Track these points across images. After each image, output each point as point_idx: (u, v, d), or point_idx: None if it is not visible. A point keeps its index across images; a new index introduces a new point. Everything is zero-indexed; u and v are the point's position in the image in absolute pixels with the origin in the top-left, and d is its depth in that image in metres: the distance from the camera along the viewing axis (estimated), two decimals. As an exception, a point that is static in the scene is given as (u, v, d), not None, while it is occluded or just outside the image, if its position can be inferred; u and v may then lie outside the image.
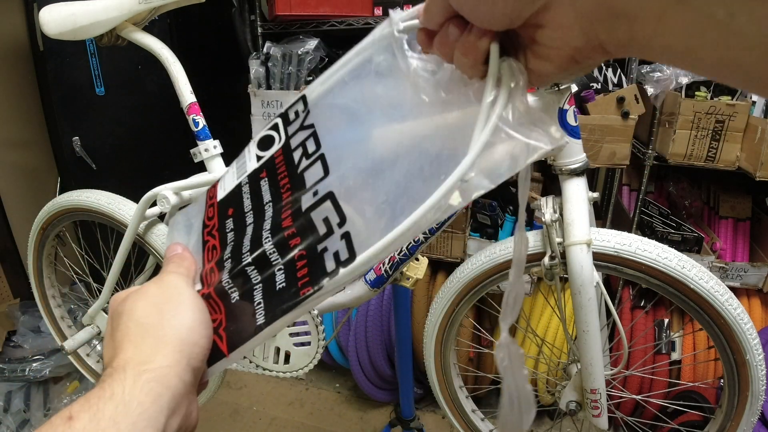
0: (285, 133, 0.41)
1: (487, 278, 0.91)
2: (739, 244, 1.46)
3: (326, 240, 0.35)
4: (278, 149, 0.41)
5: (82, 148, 1.62)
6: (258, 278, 0.37)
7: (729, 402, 0.82)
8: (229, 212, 0.42)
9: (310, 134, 0.38)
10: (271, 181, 0.40)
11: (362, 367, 1.65)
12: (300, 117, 0.40)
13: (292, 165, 0.39)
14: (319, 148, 0.37)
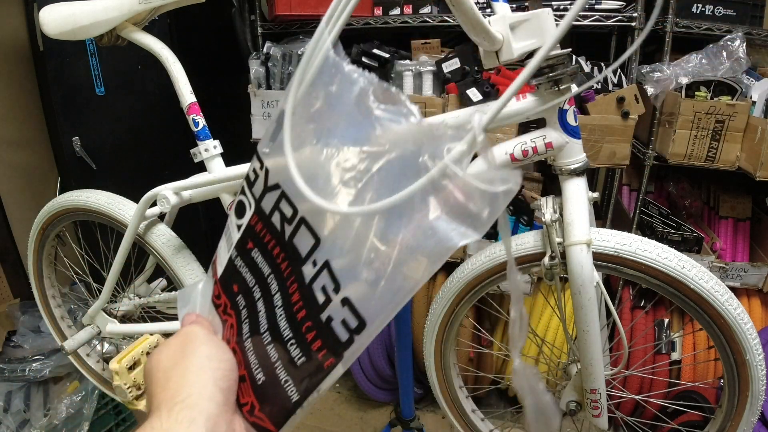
0: (252, 197, 0.39)
1: (487, 278, 0.90)
2: (739, 244, 1.46)
3: (327, 309, 0.34)
4: (252, 215, 0.40)
5: (82, 148, 1.62)
6: (276, 356, 0.37)
7: (729, 402, 0.82)
8: (234, 288, 0.41)
9: (280, 195, 0.37)
10: (262, 251, 0.39)
11: (362, 367, 1.65)
12: (260, 176, 0.39)
13: (276, 232, 0.37)
14: (296, 212, 0.36)
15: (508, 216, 1.46)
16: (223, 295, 0.42)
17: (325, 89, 0.35)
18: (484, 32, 0.67)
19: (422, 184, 0.29)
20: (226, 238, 0.43)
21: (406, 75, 1.43)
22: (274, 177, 0.37)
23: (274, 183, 0.37)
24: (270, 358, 0.37)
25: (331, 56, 0.34)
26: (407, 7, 1.49)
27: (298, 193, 0.34)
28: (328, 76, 0.34)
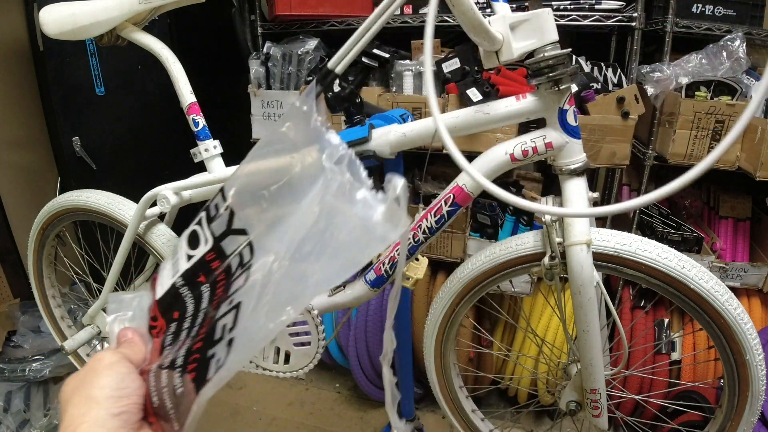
0: (211, 233, 0.40)
1: (487, 278, 0.91)
2: (739, 244, 1.46)
3: (216, 345, 0.35)
4: (208, 251, 0.40)
5: (82, 148, 1.62)
6: (165, 383, 0.37)
7: (729, 402, 0.82)
8: (175, 315, 0.41)
9: (247, 244, 0.37)
10: (212, 288, 0.39)
11: (362, 367, 1.65)
12: (222, 215, 0.39)
13: (230, 275, 0.38)
14: (252, 258, 0.36)
15: (507, 216, 1.46)
16: (160, 318, 0.42)
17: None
18: (484, 32, 0.67)
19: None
20: (172, 261, 0.43)
21: (406, 75, 1.43)
22: (242, 222, 0.37)
23: (241, 228, 0.37)
24: (164, 384, 0.37)
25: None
26: (407, 7, 1.49)
27: (265, 246, 0.35)
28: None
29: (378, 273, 0.94)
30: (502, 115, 0.78)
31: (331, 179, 0.33)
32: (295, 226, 0.34)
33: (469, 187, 0.82)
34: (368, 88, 1.52)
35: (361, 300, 0.99)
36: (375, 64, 1.51)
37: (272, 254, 0.35)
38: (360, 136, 0.85)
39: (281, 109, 1.52)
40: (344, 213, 0.32)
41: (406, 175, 1.63)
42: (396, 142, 0.84)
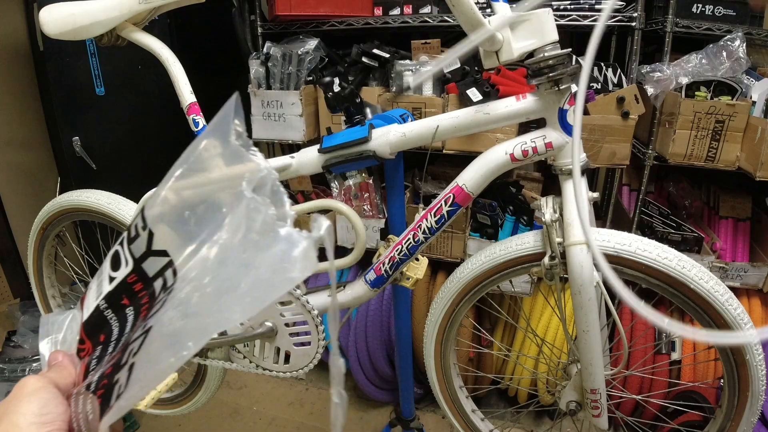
0: (131, 254, 0.38)
1: (487, 278, 0.90)
2: (739, 244, 1.46)
3: (121, 370, 0.34)
4: (129, 273, 0.38)
5: (82, 148, 1.62)
6: (81, 408, 0.36)
7: (729, 402, 0.82)
8: (101, 338, 0.40)
9: (167, 264, 0.36)
10: (136, 311, 0.38)
11: (362, 367, 1.65)
12: (141, 235, 0.37)
13: (154, 298, 0.37)
14: (174, 281, 0.35)
15: (507, 216, 1.46)
16: (87, 340, 0.41)
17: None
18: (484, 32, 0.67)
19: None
20: (96, 282, 0.42)
21: (406, 75, 1.43)
22: (163, 243, 0.36)
23: (162, 249, 0.36)
24: (80, 410, 0.36)
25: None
26: (407, 7, 1.49)
27: (188, 272, 0.33)
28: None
29: (378, 273, 0.94)
30: (502, 115, 0.78)
31: (254, 210, 0.32)
32: (214, 255, 0.33)
33: (469, 187, 0.82)
34: (368, 88, 1.52)
35: (361, 300, 0.99)
36: (375, 64, 1.52)
37: (193, 281, 0.33)
38: (360, 136, 0.85)
39: (281, 109, 1.52)
40: (263, 250, 0.31)
41: (406, 175, 1.63)
42: (396, 142, 0.84)
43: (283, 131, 1.55)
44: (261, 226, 0.31)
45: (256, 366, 1.03)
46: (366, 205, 1.51)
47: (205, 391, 1.19)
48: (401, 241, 0.90)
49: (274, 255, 0.30)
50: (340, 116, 1.46)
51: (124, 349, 0.36)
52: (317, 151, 0.89)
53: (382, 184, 1.50)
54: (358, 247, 0.94)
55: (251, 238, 0.31)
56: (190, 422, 1.65)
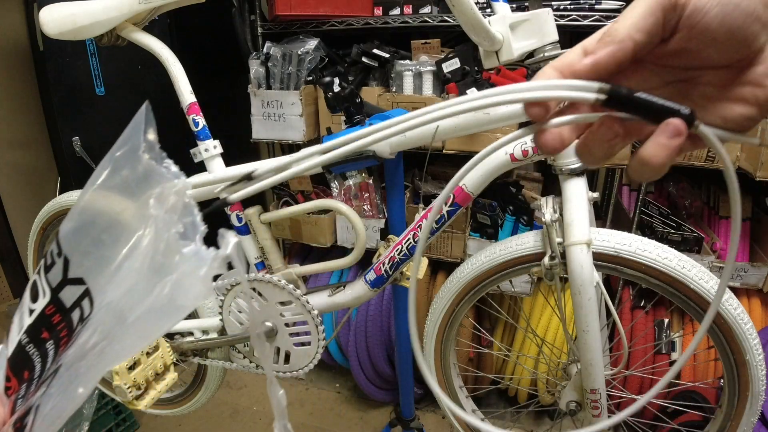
0: (48, 284, 0.36)
1: (487, 278, 0.91)
2: (739, 244, 1.46)
3: (29, 411, 0.33)
4: (47, 304, 0.36)
5: (82, 148, 1.62)
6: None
7: (729, 402, 0.82)
8: (25, 375, 0.38)
9: (84, 293, 0.34)
10: (56, 345, 0.36)
11: (362, 367, 1.65)
12: (57, 263, 0.36)
13: (72, 330, 0.35)
14: (92, 311, 0.34)
15: (507, 216, 1.46)
16: (12, 377, 0.39)
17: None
18: (484, 32, 0.67)
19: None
20: (19, 314, 0.40)
21: (406, 75, 1.43)
22: (79, 270, 0.34)
23: (78, 277, 0.34)
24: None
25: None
26: (407, 7, 1.49)
27: (104, 301, 0.32)
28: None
29: (378, 273, 0.94)
30: (502, 115, 0.78)
31: (161, 230, 0.30)
32: (128, 282, 0.31)
33: (469, 187, 0.82)
34: (368, 88, 1.52)
35: (361, 300, 0.99)
36: (375, 64, 1.52)
37: (109, 310, 0.32)
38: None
39: (281, 109, 1.52)
40: (165, 275, 0.30)
41: (406, 175, 1.63)
42: (396, 142, 0.84)
43: (283, 131, 1.55)
44: (165, 248, 0.30)
45: (256, 366, 1.03)
46: (366, 205, 1.51)
47: (205, 391, 1.19)
48: (401, 241, 0.90)
49: (171, 282, 0.29)
50: (340, 116, 1.46)
51: (36, 390, 0.34)
52: (317, 151, 0.89)
53: (382, 184, 1.50)
54: (358, 247, 0.94)
55: (156, 261, 0.30)
56: (190, 422, 1.65)
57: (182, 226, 0.30)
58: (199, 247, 0.30)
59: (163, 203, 0.31)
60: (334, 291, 1.01)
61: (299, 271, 1.02)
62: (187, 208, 0.31)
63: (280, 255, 1.04)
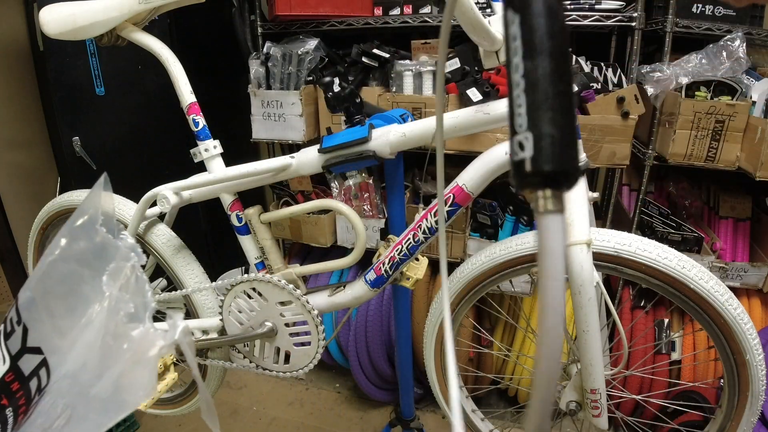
0: (8, 351, 0.36)
1: (487, 278, 0.91)
2: (739, 244, 1.46)
3: None
4: (7, 371, 0.36)
5: (82, 148, 1.62)
6: None
7: (729, 402, 0.82)
8: None
9: (42, 362, 0.34)
10: (15, 412, 0.35)
11: (362, 367, 1.65)
12: (16, 331, 0.35)
13: (30, 399, 0.35)
14: (48, 382, 0.33)
15: (507, 216, 1.46)
16: None
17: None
18: (484, 32, 0.67)
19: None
20: None
21: (406, 75, 1.43)
22: (37, 340, 0.34)
23: (36, 346, 0.34)
24: None
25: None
26: (407, 7, 1.49)
27: (60, 371, 0.31)
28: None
29: (378, 273, 0.94)
30: (502, 115, 0.78)
31: (112, 310, 0.30)
32: (82, 358, 0.31)
33: (469, 187, 0.82)
34: (368, 88, 1.52)
35: (360, 300, 0.99)
36: (375, 64, 1.52)
37: (66, 384, 0.31)
38: (360, 136, 0.85)
39: (281, 109, 1.52)
40: (112, 360, 0.29)
41: (406, 175, 1.63)
42: (396, 142, 0.84)
43: (283, 131, 1.55)
44: (115, 329, 0.30)
45: (256, 366, 1.03)
46: (366, 205, 1.51)
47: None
48: (401, 241, 0.90)
49: (118, 370, 0.29)
50: (340, 116, 1.47)
51: None
52: (317, 151, 0.89)
53: (382, 184, 1.50)
54: (358, 247, 0.94)
55: (107, 344, 0.30)
56: (190, 422, 1.65)
57: (133, 306, 0.30)
58: (148, 331, 0.29)
59: (116, 279, 0.31)
60: (334, 291, 1.01)
61: (299, 271, 1.02)
62: (138, 285, 0.31)
63: (280, 255, 1.04)
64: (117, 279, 0.31)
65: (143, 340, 0.29)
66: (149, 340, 0.29)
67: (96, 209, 0.32)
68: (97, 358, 0.30)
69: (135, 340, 0.30)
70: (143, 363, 0.29)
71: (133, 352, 0.29)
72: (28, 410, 0.34)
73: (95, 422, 0.29)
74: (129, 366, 0.29)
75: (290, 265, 1.04)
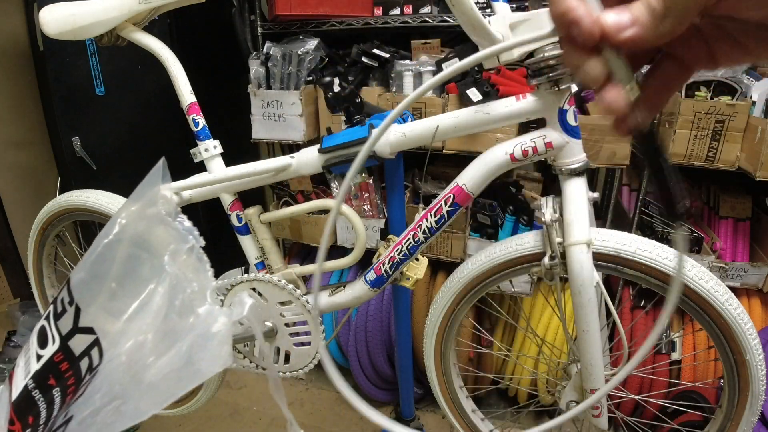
0: (57, 331, 0.36)
1: (487, 278, 0.91)
2: (739, 244, 1.46)
3: None
4: (56, 351, 0.36)
5: (82, 148, 1.62)
6: None
7: (729, 402, 0.82)
8: (29, 420, 0.38)
9: (94, 343, 0.34)
10: (62, 393, 0.36)
11: (362, 367, 1.65)
12: (68, 311, 0.35)
13: (80, 378, 0.35)
14: (101, 362, 0.33)
15: (507, 216, 1.46)
16: (17, 421, 0.39)
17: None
18: (484, 32, 0.67)
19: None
20: (24, 358, 0.40)
21: (406, 75, 1.43)
22: (90, 320, 0.34)
23: (88, 326, 0.34)
24: None
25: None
26: (407, 7, 1.49)
27: (113, 351, 0.31)
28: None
29: (378, 273, 0.94)
30: (502, 115, 0.78)
31: (175, 287, 0.30)
32: (140, 337, 0.32)
33: (469, 187, 0.82)
34: (368, 88, 1.52)
35: (361, 300, 0.99)
36: (375, 64, 1.51)
37: (120, 364, 0.31)
38: (360, 136, 0.85)
39: (281, 109, 1.52)
40: (180, 336, 0.30)
41: (406, 175, 1.63)
42: (396, 142, 0.84)
43: (283, 131, 1.55)
44: (180, 306, 0.30)
45: (256, 366, 1.03)
46: (366, 205, 1.51)
47: (205, 391, 1.19)
48: (401, 241, 0.90)
49: (188, 343, 0.29)
50: (340, 116, 1.46)
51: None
52: (317, 151, 0.89)
53: (382, 184, 1.50)
54: (358, 247, 0.94)
55: (171, 321, 0.30)
56: (190, 422, 1.65)
57: (196, 285, 0.30)
58: (213, 307, 0.30)
59: (176, 259, 0.31)
60: (334, 291, 1.01)
61: (299, 271, 1.02)
62: (200, 265, 0.31)
63: (280, 255, 1.04)
64: (177, 260, 0.31)
65: (208, 317, 0.30)
66: (214, 316, 0.30)
67: (155, 192, 0.32)
68: (158, 337, 0.30)
69: (201, 316, 0.30)
70: (212, 336, 0.29)
71: (198, 328, 0.30)
72: (77, 390, 0.34)
73: (166, 392, 0.30)
74: (198, 340, 0.29)
75: (290, 265, 1.04)
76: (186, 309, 0.30)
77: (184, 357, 0.29)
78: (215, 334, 0.29)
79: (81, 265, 0.35)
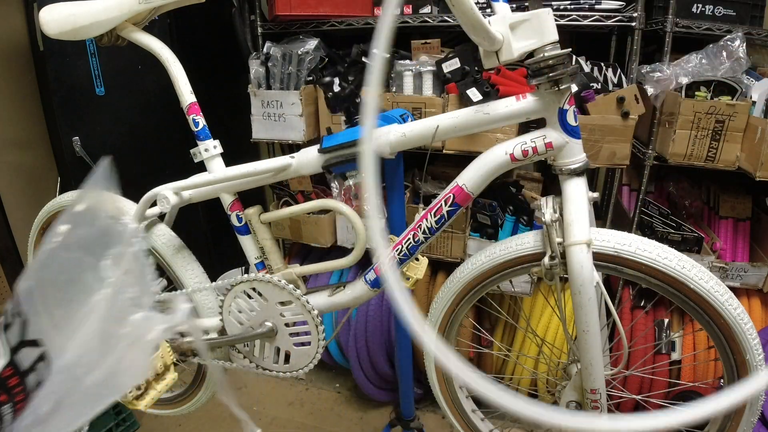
0: (7, 344, 0.34)
1: (487, 278, 0.91)
2: (739, 244, 1.46)
3: None
4: (6, 366, 0.34)
5: (82, 148, 1.62)
6: None
7: (729, 402, 0.82)
8: None
9: (41, 356, 0.32)
10: (14, 408, 0.34)
11: (362, 367, 1.65)
12: (15, 323, 0.33)
13: (28, 395, 0.33)
14: (48, 375, 0.32)
15: (507, 216, 1.46)
16: None
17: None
18: (484, 32, 0.67)
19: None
20: None
21: (406, 75, 1.43)
22: (37, 331, 0.33)
23: (35, 338, 0.33)
24: None
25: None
26: (407, 7, 1.49)
27: (60, 363, 0.30)
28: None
29: (378, 273, 0.94)
30: (502, 115, 0.78)
31: (115, 294, 0.30)
32: (84, 346, 0.31)
33: (469, 187, 0.82)
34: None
35: (361, 300, 0.99)
36: (375, 64, 1.52)
37: (66, 375, 0.30)
38: (360, 136, 0.85)
39: (281, 109, 1.52)
40: (112, 345, 0.29)
41: (406, 175, 1.63)
42: (396, 142, 0.84)
43: (283, 131, 1.55)
44: (116, 315, 0.29)
45: (256, 366, 1.03)
46: (366, 205, 1.50)
47: (205, 391, 1.19)
48: (401, 241, 0.90)
49: (116, 354, 0.28)
50: (340, 116, 1.46)
51: None
52: (317, 151, 0.89)
53: (382, 184, 1.50)
54: (358, 247, 0.94)
55: (107, 329, 0.29)
56: (190, 422, 1.65)
57: (135, 291, 0.30)
58: (148, 314, 0.29)
59: (119, 264, 0.30)
60: (334, 291, 1.01)
61: (299, 271, 1.02)
62: (141, 270, 0.30)
63: (280, 255, 1.04)
64: (120, 264, 0.31)
65: (143, 325, 0.29)
66: (150, 324, 0.29)
67: (98, 194, 0.31)
68: (96, 346, 0.30)
69: (135, 324, 0.29)
70: (141, 346, 0.29)
71: (133, 336, 0.29)
72: (25, 406, 0.33)
73: (84, 409, 0.29)
74: (127, 350, 0.29)
75: (290, 265, 1.04)
76: (121, 317, 0.30)
77: (108, 370, 0.29)
78: (147, 342, 0.28)
79: (27, 274, 0.34)
